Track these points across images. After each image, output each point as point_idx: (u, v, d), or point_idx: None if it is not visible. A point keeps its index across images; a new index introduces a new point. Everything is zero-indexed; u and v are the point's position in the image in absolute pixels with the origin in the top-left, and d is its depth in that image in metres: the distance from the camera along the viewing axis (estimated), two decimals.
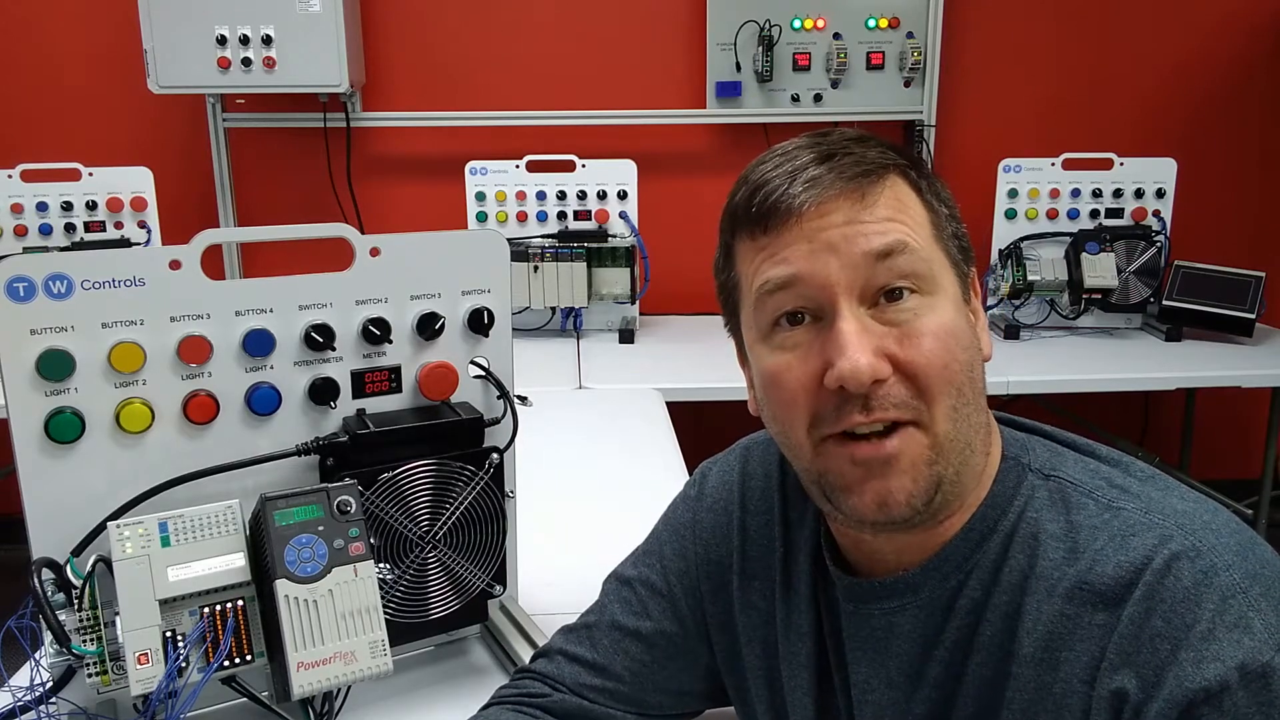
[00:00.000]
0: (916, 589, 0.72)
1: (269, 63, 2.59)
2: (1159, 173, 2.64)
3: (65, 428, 0.87)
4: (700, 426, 2.38)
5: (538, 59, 2.97)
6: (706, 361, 2.41)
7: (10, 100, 2.90)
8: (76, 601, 0.84)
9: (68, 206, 2.55)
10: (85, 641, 0.83)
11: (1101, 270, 2.57)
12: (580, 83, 2.97)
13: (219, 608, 0.85)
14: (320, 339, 0.96)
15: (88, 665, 0.84)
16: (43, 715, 0.88)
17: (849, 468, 0.68)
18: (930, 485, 0.68)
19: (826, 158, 0.70)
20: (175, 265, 0.89)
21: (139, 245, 2.53)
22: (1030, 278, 2.61)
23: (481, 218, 2.65)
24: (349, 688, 0.91)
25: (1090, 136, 3.00)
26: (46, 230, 2.55)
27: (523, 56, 2.96)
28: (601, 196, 2.64)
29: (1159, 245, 2.60)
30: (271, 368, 0.96)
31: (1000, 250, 2.66)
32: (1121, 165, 2.64)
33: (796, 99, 2.92)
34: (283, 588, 0.82)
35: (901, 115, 2.95)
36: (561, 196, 2.64)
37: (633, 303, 2.68)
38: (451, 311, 1.02)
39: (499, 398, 1.06)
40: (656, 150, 3.00)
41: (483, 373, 1.05)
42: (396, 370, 1.01)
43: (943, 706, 0.72)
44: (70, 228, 2.56)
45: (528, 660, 0.97)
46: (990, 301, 2.66)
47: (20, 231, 2.54)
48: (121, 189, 2.57)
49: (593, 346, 2.61)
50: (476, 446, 1.03)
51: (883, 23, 2.87)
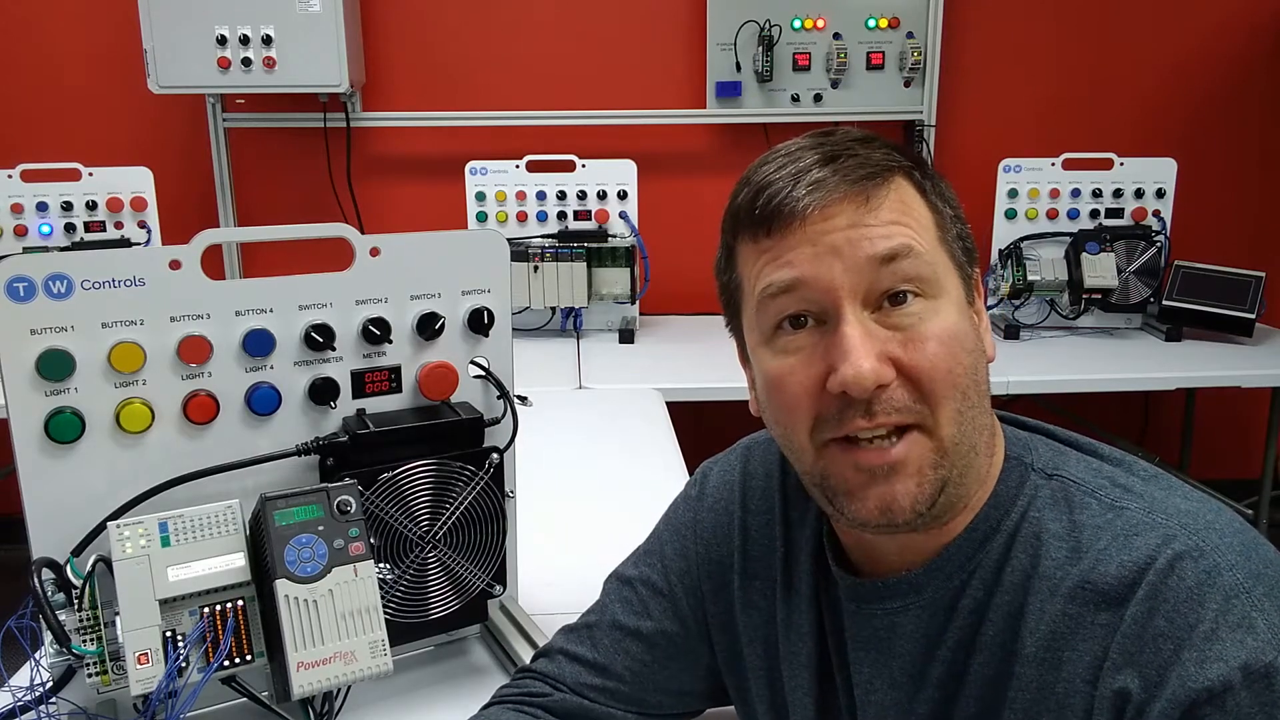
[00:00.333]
0: (920, 589, 0.72)
1: (269, 63, 2.59)
2: (1159, 173, 2.64)
3: (65, 428, 0.87)
4: (700, 426, 2.38)
5: (538, 59, 2.97)
6: (707, 361, 2.41)
7: (10, 100, 2.90)
8: (76, 601, 0.84)
9: (68, 206, 2.55)
10: (85, 641, 0.83)
11: (1101, 270, 2.57)
12: (580, 83, 2.97)
13: (219, 608, 0.85)
14: (320, 339, 0.96)
15: (88, 665, 0.84)
16: (43, 715, 0.88)
17: (852, 473, 0.68)
18: (934, 489, 0.67)
19: (830, 159, 0.69)
20: (175, 265, 0.89)
21: (139, 245, 2.53)
22: (1030, 278, 2.61)
23: (481, 218, 2.65)
24: (349, 688, 0.91)
25: (1090, 136, 3.00)
26: (46, 231, 2.55)
27: (523, 56, 2.96)
28: (601, 196, 2.63)
29: (1159, 245, 2.60)
30: (271, 368, 0.95)
31: (1000, 250, 2.65)
32: (1121, 165, 2.64)
33: (796, 99, 2.92)
34: (283, 588, 0.82)
35: (901, 115, 2.95)
36: (561, 196, 2.64)
37: (633, 303, 2.68)
38: (451, 311, 1.02)
39: (499, 398, 1.05)
40: (656, 150, 3.00)
41: (483, 373, 1.05)
42: (396, 370, 1.01)
43: (945, 706, 0.72)
44: (70, 228, 2.55)
45: (528, 660, 0.97)
46: (990, 301, 2.66)
47: (20, 231, 2.54)
48: (121, 189, 2.56)
49: (593, 346, 2.60)
50: (476, 446, 1.03)
51: (883, 23, 2.87)
